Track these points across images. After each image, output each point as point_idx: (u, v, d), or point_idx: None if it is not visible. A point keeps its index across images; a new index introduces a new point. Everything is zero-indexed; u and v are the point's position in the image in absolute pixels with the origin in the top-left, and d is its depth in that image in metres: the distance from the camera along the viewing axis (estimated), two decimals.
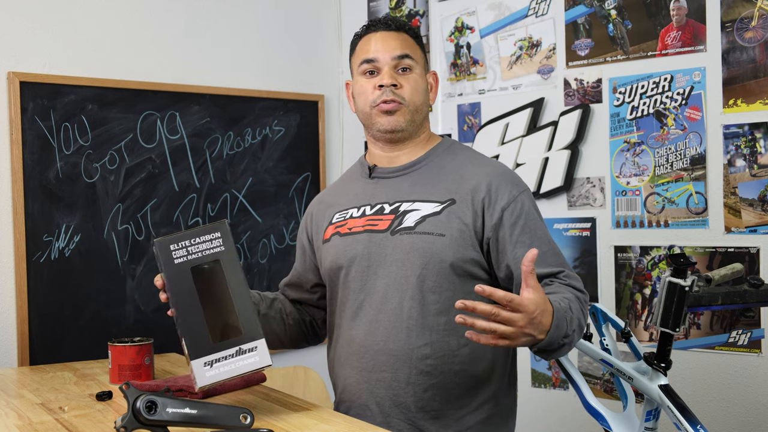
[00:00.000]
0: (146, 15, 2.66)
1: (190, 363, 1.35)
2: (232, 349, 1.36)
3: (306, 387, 2.51)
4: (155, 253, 1.41)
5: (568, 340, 1.40)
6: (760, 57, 2.20)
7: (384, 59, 1.61)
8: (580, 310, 1.48)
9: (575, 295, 1.50)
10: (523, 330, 1.29)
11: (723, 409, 2.29)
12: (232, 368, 1.36)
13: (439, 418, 1.56)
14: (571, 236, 2.59)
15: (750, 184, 2.23)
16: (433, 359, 1.55)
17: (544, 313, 1.32)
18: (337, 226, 1.67)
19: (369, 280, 1.59)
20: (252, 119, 2.89)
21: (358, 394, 1.60)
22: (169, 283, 1.37)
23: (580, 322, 1.46)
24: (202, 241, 1.41)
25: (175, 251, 1.39)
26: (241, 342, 1.37)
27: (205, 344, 1.35)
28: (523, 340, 1.31)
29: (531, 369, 2.71)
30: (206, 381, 1.34)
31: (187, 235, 1.41)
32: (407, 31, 1.66)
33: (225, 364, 1.35)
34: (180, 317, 1.35)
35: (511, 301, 1.27)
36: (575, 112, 2.57)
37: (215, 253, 1.41)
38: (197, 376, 1.34)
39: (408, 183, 1.63)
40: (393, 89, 1.59)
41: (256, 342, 1.38)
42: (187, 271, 1.39)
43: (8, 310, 2.34)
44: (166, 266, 1.38)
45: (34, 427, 1.49)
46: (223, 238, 1.42)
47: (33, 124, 2.37)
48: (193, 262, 1.39)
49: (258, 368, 1.38)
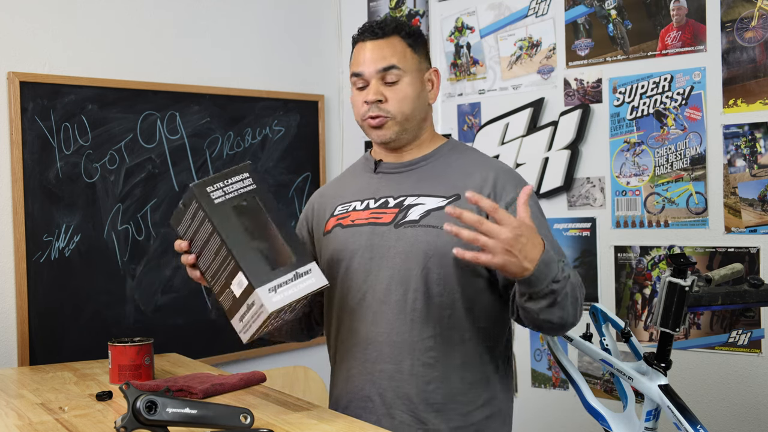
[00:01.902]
0: (146, 15, 2.66)
1: (253, 292, 1.35)
2: (290, 273, 1.38)
3: (306, 387, 2.51)
4: (192, 198, 1.41)
5: (557, 287, 1.38)
6: (760, 57, 2.20)
7: (369, 72, 1.61)
8: (576, 285, 1.46)
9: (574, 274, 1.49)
10: (506, 246, 1.29)
11: (723, 409, 2.29)
12: (295, 291, 1.38)
13: (442, 411, 1.56)
14: (571, 236, 2.59)
15: (750, 184, 2.23)
16: (435, 351, 1.55)
17: (532, 241, 1.33)
18: (339, 218, 1.67)
19: (372, 272, 1.59)
20: (252, 119, 2.89)
21: (361, 386, 1.60)
22: (215, 221, 1.39)
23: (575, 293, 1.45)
24: (234, 182, 1.44)
25: (213, 192, 1.41)
26: (296, 267, 1.39)
27: (265, 272, 1.37)
28: (507, 259, 1.30)
29: (531, 369, 2.71)
30: (275, 306, 1.35)
31: (219, 177, 1.43)
32: (399, 34, 1.63)
33: (287, 288, 1.37)
34: (234, 250, 1.37)
35: (495, 210, 1.29)
36: (575, 112, 2.57)
37: (250, 191, 1.44)
38: (266, 302, 1.34)
39: (413, 179, 1.64)
40: (378, 105, 1.60)
41: (309, 265, 1.41)
42: (229, 209, 1.41)
43: (8, 310, 2.34)
44: (209, 206, 1.39)
45: (34, 427, 1.49)
46: (252, 178, 1.45)
47: (33, 124, 2.37)
48: (233, 200, 1.42)
49: (318, 288, 1.40)
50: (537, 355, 2.70)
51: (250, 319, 1.39)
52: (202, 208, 1.40)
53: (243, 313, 1.40)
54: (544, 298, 1.39)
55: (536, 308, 1.42)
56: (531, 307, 1.42)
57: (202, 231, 1.42)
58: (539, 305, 1.41)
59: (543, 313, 1.42)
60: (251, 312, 1.38)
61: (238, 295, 1.39)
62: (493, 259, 1.31)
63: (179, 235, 1.49)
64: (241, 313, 1.40)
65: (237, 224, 1.40)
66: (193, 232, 1.44)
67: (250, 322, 1.40)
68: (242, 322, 1.41)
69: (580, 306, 1.49)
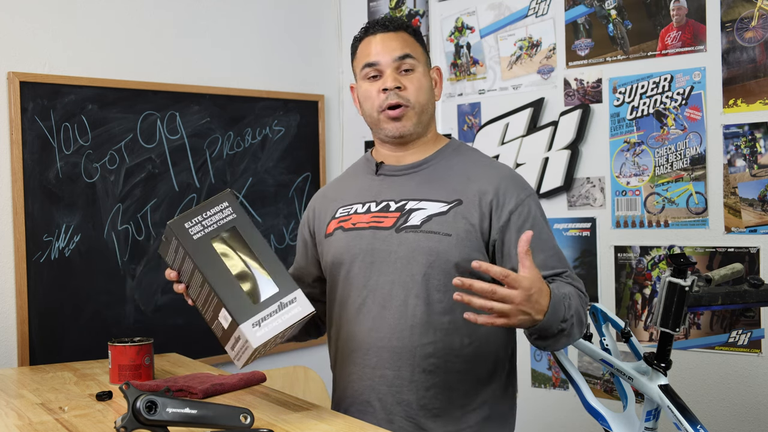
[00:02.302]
0: (146, 15, 2.66)
1: (237, 328, 1.35)
2: (274, 305, 1.38)
3: (306, 387, 2.51)
4: (171, 235, 1.41)
5: (566, 325, 1.41)
6: (760, 57, 2.20)
7: (385, 61, 1.60)
8: (580, 306, 1.49)
9: (576, 291, 1.50)
10: (520, 308, 1.30)
11: (723, 409, 2.29)
12: (280, 322, 1.37)
13: (441, 416, 1.56)
14: (571, 236, 2.59)
15: (750, 184, 2.23)
16: (436, 358, 1.55)
17: (541, 292, 1.33)
18: (340, 221, 1.66)
19: (372, 277, 1.59)
20: (252, 119, 2.89)
21: (360, 391, 1.60)
22: (194, 258, 1.38)
23: (580, 317, 1.47)
24: (213, 213, 1.43)
25: (191, 228, 1.40)
26: (280, 297, 1.38)
27: (249, 306, 1.36)
28: (521, 318, 1.32)
29: (531, 369, 2.71)
30: (259, 341, 1.35)
31: (197, 211, 1.42)
32: (406, 30, 1.65)
33: (272, 320, 1.37)
34: (216, 287, 1.36)
35: (507, 277, 1.28)
36: (575, 112, 2.57)
37: (230, 221, 1.43)
38: (250, 338, 1.34)
39: (415, 182, 1.63)
40: (397, 92, 1.59)
41: (294, 293, 1.40)
42: (209, 244, 1.40)
43: (8, 310, 2.34)
44: (186, 244, 1.38)
45: (34, 427, 1.49)
46: (231, 207, 1.44)
47: (33, 124, 2.37)
48: (211, 234, 1.41)
49: (303, 317, 1.39)
50: (537, 355, 2.70)
51: (239, 350, 1.40)
52: (182, 246, 1.39)
53: (233, 344, 1.41)
54: (554, 336, 1.42)
55: (544, 345, 1.46)
56: (540, 344, 1.46)
57: (185, 265, 1.43)
58: (547, 343, 1.44)
59: (551, 346, 1.46)
60: (239, 345, 1.39)
61: (226, 327, 1.40)
62: (509, 322, 1.32)
63: (168, 265, 1.49)
64: (231, 343, 1.42)
65: (217, 259, 1.39)
66: (179, 265, 1.45)
67: (240, 353, 1.41)
68: (234, 351, 1.43)
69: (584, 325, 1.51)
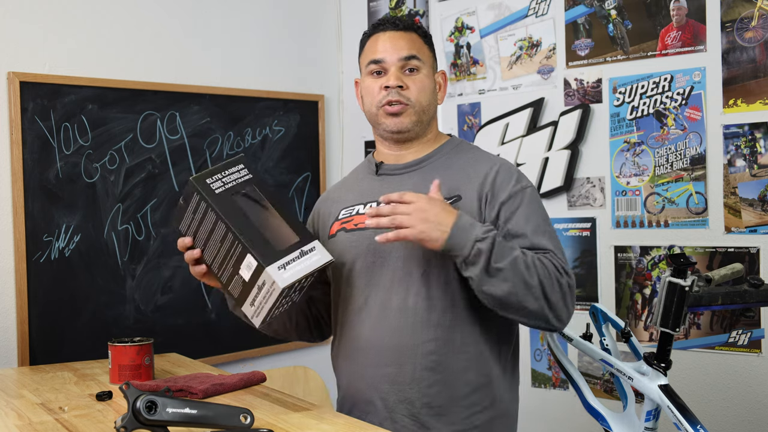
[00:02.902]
0: (146, 15, 2.66)
1: (264, 272, 1.39)
2: (296, 252, 1.44)
3: (306, 387, 2.51)
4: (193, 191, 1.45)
5: (483, 246, 1.40)
6: (760, 57, 2.20)
7: (391, 60, 1.61)
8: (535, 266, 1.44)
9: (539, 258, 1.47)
10: (420, 215, 1.41)
11: (723, 409, 2.29)
12: (303, 267, 1.43)
13: (444, 414, 1.56)
14: (571, 236, 2.59)
15: (750, 184, 2.23)
16: (438, 355, 1.55)
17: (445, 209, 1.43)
18: (343, 222, 1.67)
19: (374, 276, 1.59)
20: (252, 119, 2.89)
21: (363, 390, 1.60)
22: (219, 209, 1.43)
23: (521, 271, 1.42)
24: (231, 173, 1.50)
25: (212, 183, 1.46)
26: (301, 245, 1.45)
27: (273, 252, 1.42)
28: (424, 227, 1.41)
29: (531, 369, 2.71)
30: (286, 281, 1.39)
31: (217, 169, 1.49)
32: (416, 31, 1.66)
33: (295, 264, 1.42)
34: (241, 235, 1.41)
35: (403, 195, 1.43)
36: (575, 112, 2.57)
37: (247, 180, 1.50)
38: (277, 279, 1.38)
39: (414, 180, 1.64)
40: (399, 90, 1.60)
41: (313, 243, 1.47)
42: (230, 197, 1.46)
43: (8, 310, 2.34)
44: (210, 197, 1.44)
45: (34, 427, 1.49)
46: (247, 168, 1.51)
47: (33, 124, 2.37)
48: (233, 189, 1.47)
49: (323, 263, 1.45)
50: (537, 355, 2.70)
51: (262, 301, 1.42)
52: (204, 199, 1.44)
53: (254, 296, 1.43)
54: (476, 262, 1.41)
55: (473, 276, 1.43)
56: (469, 275, 1.44)
57: (206, 222, 1.45)
58: (475, 272, 1.42)
59: (484, 284, 1.43)
60: (263, 293, 1.42)
61: (248, 278, 1.42)
62: (413, 230, 1.40)
63: (182, 233, 1.51)
64: (252, 296, 1.43)
65: (240, 211, 1.45)
66: (197, 226, 1.48)
67: (262, 304, 1.43)
68: (254, 306, 1.44)
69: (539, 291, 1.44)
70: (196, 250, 1.49)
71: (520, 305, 1.45)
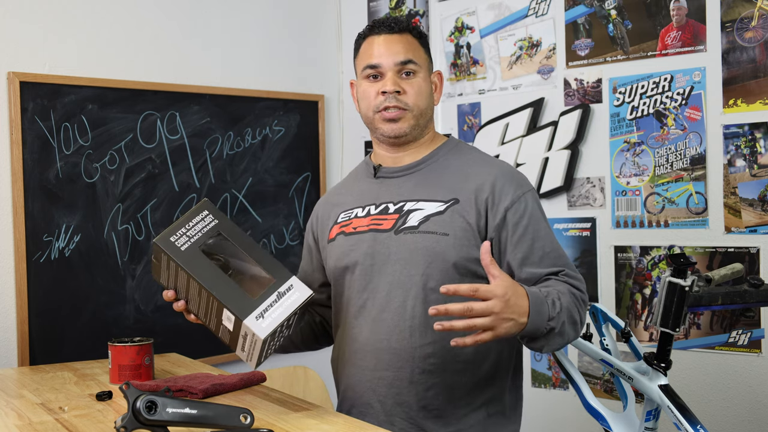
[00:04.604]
0: (146, 15, 2.66)
1: (242, 324, 1.37)
2: (272, 295, 1.40)
3: (306, 387, 2.51)
4: (160, 252, 1.43)
5: (554, 324, 1.40)
6: (760, 57, 2.20)
7: (387, 64, 1.60)
8: (573, 303, 1.47)
9: (568, 289, 1.49)
10: (501, 316, 1.30)
11: (723, 409, 2.29)
12: (282, 310, 1.40)
13: (441, 417, 1.56)
14: (571, 236, 2.59)
15: (750, 184, 2.23)
16: (436, 358, 1.55)
17: (518, 295, 1.34)
18: (342, 226, 1.67)
19: (373, 279, 1.59)
20: (252, 119, 2.89)
21: (361, 393, 1.60)
22: (187, 268, 1.40)
23: (572, 315, 1.46)
24: (195, 223, 1.46)
25: (177, 240, 1.43)
26: (277, 286, 1.42)
27: (248, 303, 1.39)
28: (506, 327, 1.32)
29: (531, 369, 2.71)
30: (265, 331, 1.37)
31: (179, 224, 1.45)
32: (411, 32, 1.65)
33: (273, 310, 1.39)
34: (213, 291, 1.39)
35: (477, 291, 1.29)
36: (575, 112, 2.57)
37: (213, 227, 1.46)
38: (256, 330, 1.37)
39: (412, 182, 1.63)
40: (396, 95, 1.59)
41: (290, 281, 1.43)
42: (198, 252, 1.43)
43: (8, 310, 2.34)
44: (176, 256, 1.41)
45: (34, 427, 1.49)
46: (212, 214, 1.47)
47: (33, 124, 2.37)
48: (198, 242, 1.44)
49: (303, 301, 1.42)
50: (537, 355, 2.70)
51: (249, 348, 1.42)
52: (172, 260, 1.41)
53: (242, 344, 1.43)
54: (543, 338, 1.42)
55: (537, 346, 1.44)
56: (533, 346, 1.45)
57: (180, 279, 1.44)
58: (539, 344, 1.43)
59: (545, 347, 1.45)
60: (248, 342, 1.41)
61: (231, 328, 1.41)
62: (495, 333, 1.32)
63: (163, 286, 1.51)
64: (240, 344, 1.43)
65: (209, 265, 1.42)
66: (174, 281, 1.47)
67: (251, 351, 1.42)
68: (245, 351, 1.44)
69: (579, 325, 1.50)
70: (180, 302, 1.49)
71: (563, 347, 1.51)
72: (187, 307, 1.50)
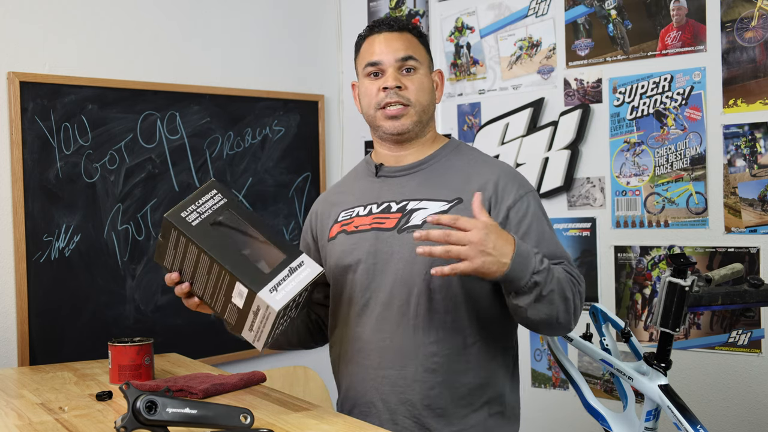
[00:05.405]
0: (146, 15, 2.66)
1: (256, 297, 1.37)
2: (284, 270, 1.41)
3: (306, 387, 2.51)
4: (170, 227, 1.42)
5: (540, 279, 1.39)
6: (760, 57, 2.20)
7: (388, 61, 1.61)
8: (567, 281, 1.47)
9: (564, 269, 1.50)
10: (479, 248, 1.32)
11: (723, 409, 2.29)
12: (295, 284, 1.40)
13: (444, 416, 1.56)
14: (571, 236, 2.59)
15: (750, 184, 2.23)
16: (439, 357, 1.55)
17: (502, 237, 1.36)
18: (343, 224, 1.67)
19: (376, 278, 1.59)
20: (252, 119, 2.89)
21: (363, 392, 1.60)
22: (199, 242, 1.41)
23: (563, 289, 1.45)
24: (205, 201, 1.46)
25: (188, 216, 1.43)
26: (288, 262, 1.42)
27: (261, 276, 1.39)
28: (484, 261, 1.33)
29: (531, 369, 2.71)
30: (280, 303, 1.37)
31: (190, 200, 1.46)
32: (411, 31, 1.66)
33: (286, 284, 1.40)
34: (226, 264, 1.39)
35: (457, 220, 1.33)
36: (575, 112, 2.57)
37: (223, 205, 1.47)
38: (271, 302, 1.37)
39: (415, 182, 1.63)
40: (397, 91, 1.59)
41: (300, 258, 1.44)
42: (209, 227, 1.43)
43: (8, 310, 2.34)
44: (188, 231, 1.41)
45: (34, 427, 1.49)
46: (221, 193, 1.48)
47: (33, 124, 2.37)
48: (209, 218, 1.44)
49: (315, 276, 1.42)
50: (537, 355, 2.70)
51: (260, 325, 1.41)
52: (183, 234, 1.41)
53: (251, 322, 1.42)
54: (529, 292, 1.41)
55: (524, 305, 1.43)
56: (519, 303, 1.43)
57: (189, 256, 1.44)
58: (526, 301, 1.42)
59: (531, 309, 1.43)
60: (259, 317, 1.40)
61: (242, 305, 1.40)
62: (472, 264, 1.33)
63: (166, 269, 1.50)
64: (249, 323, 1.42)
65: (220, 239, 1.42)
66: (180, 260, 1.46)
67: (260, 328, 1.41)
68: (252, 332, 1.43)
69: (572, 304, 1.48)
70: (185, 284, 1.48)
71: (555, 323, 1.47)
72: (190, 289, 1.48)
